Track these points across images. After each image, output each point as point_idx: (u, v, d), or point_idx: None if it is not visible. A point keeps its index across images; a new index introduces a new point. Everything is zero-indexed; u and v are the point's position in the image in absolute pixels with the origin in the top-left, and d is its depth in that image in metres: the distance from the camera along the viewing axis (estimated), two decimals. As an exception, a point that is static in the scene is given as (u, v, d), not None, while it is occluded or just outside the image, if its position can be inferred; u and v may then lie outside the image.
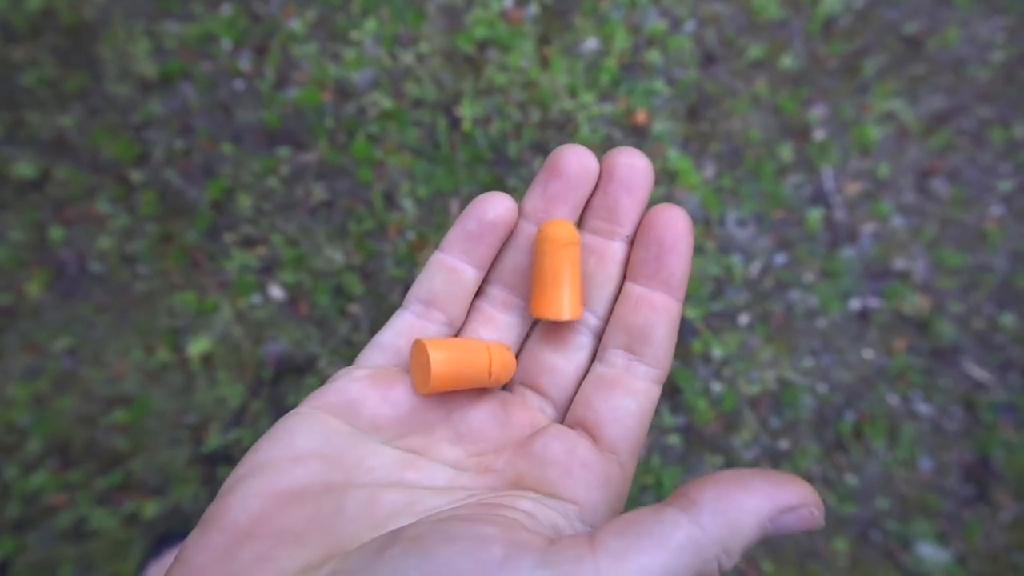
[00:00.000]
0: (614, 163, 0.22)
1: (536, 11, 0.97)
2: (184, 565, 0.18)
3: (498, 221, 0.23)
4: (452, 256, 0.23)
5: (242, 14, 0.96)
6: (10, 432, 0.83)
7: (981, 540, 0.84)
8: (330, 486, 0.19)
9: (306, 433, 0.20)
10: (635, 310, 0.22)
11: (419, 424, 0.22)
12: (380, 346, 0.23)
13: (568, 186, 0.23)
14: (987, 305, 0.91)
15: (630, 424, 0.22)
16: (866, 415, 0.88)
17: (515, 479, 0.21)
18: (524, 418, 0.23)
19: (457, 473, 0.21)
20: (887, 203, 0.93)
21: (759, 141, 0.95)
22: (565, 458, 0.21)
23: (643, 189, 0.23)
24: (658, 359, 0.22)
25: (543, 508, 0.19)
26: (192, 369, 0.87)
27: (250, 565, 0.17)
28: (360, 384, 0.22)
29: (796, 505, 0.16)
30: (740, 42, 0.98)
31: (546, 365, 0.23)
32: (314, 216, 0.92)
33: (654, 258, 0.22)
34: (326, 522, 0.19)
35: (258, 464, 0.19)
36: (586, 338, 0.24)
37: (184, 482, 0.84)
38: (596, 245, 0.23)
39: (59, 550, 0.81)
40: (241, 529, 0.18)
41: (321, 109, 0.94)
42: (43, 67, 0.93)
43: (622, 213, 0.23)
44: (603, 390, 0.22)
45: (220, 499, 0.19)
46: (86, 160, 0.91)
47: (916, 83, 0.97)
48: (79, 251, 0.89)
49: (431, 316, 0.23)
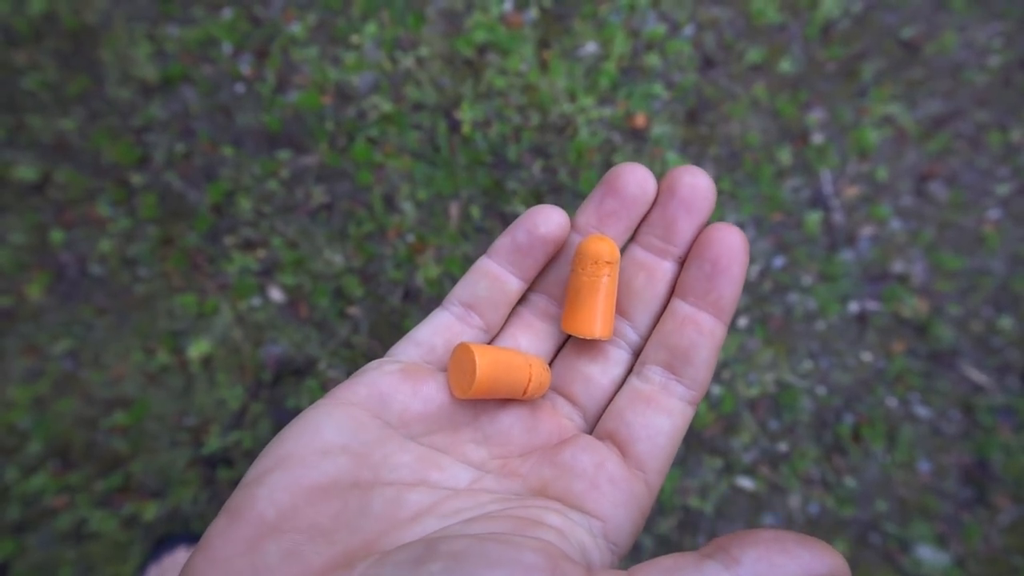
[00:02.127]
0: (677, 181, 0.22)
1: (535, 15, 0.98)
2: (207, 556, 0.17)
3: (548, 237, 0.22)
4: (499, 264, 0.23)
5: (243, 18, 0.96)
6: (10, 434, 0.83)
7: (980, 543, 0.84)
8: (357, 482, 0.19)
9: (334, 427, 0.20)
10: (680, 329, 0.22)
11: (446, 422, 0.22)
12: (415, 341, 0.23)
13: (624, 205, 0.22)
14: (985, 308, 0.91)
15: (661, 443, 0.21)
16: (865, 418, 0.88)
17: (540, 487, 0.21)
18: (552, 425, 0.23)
19: (480, 475, 0.21)
20: (885, 206, 0.94)
21: (758, 144, 0.95)
22: (593, 471, 0.21)
23: (704, 212, 0.22)
24: (697, 381, 0.22)
25: (571, 524, 0.19)
26: (192, 371, 0.87)
27: (278, 560, 0.17)
28: (392, 378, 0.22)
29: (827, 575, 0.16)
30: (739, 46, 0.98)
31: (580, 374, 0.23)
32: (314, 219, 0.92)
33: (706, 278, 0.21)
34: (352, 519, 0.19)
35: (285, 456, 0.19)
36: (624, 352, 0.23)
37: (184, 484, 0.84)
38: (647, 262, 0.23)
39: (59, 552, 0.81)
40: (268, 523, 0.18)
41: (321, 112, 0.94)
42: (44, 70, 0.93)
43: (678, 233, 0.22)
44: (638, 405, 0.22)
45: (245, 490, 0.19)
46: (87, 163, 0.91)
47: (914, 87, 0.97)
48: (80, 254, 0.89)
49: (470, 320, 0.23)
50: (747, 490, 0.87)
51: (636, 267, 0.23)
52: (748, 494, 0.86)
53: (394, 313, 0.90)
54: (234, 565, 0.17)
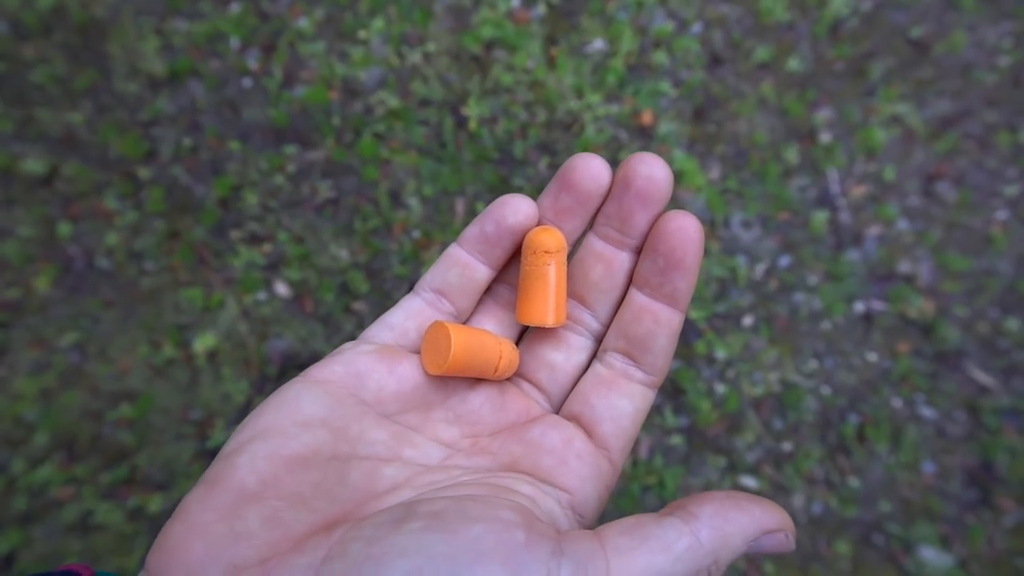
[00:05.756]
0: (632, 172, 0.22)
1: (543, 11, 0.98)
2: (185, 522, 0.18)
3: (516, 228, 0.23)
4: (468, 253, 0.24)
5: (250, 13, 0.96)
6: (17, 426, 0.84)
7: (983, 545, 0.84)
8: (336, 455, 0.20)
9: (313, 401, 0.20)
10: (637, 319, 0.22)
11: (419, 402, 0.22)
12: (388, 325, 0.24)
13: (578, 200, 0.23)
14: (992, 309, 0.91)
15: (624, 424, 0.22)
16: (869, 418, 0.88)
17: (510, 462, 0.22)
18: (520, 405, 0.24)
19: (452, 452, 0.22)
20: (892, 206, 0.93)
21: (765, 143, 0.95)
22: (561, 448, 0.22)
23: (660, 203, 0.22)
24: (656, 367, 0.23)
25: (540, 494, 0.20)
26: (197, 365, 0.88)
27: (259, 525, 0.18)
28: (368, 357, 0.22)
29: (775, 529, 0.18)
30: (747, 44, 0.98)
31: (544, 361, 0.24)
32: (320, 214, 0.92)
33: (660, 272, 0.22)
34: (331, 489, 0.19)
35: (264, 428, 0.19)
36: (585, 340, 0.24)
37: (188, 477, 0.85)
38: (605, 253, 0.23)
39: (64, 543, 0.81)
40: (249, 490, 0.18)
41: (328, 108, 0.94)
42: (53, 64, 0.93)
43: (634, 226, 0.22)
44: (601, 389, 0.23)
45: (224, 460, 0.19)
46: (95, 157, 0.92)
47: (923, 87, 0.97)
48: (87, 247, 0.90)
49: (441, 305, 0.24)
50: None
51: (594, 258, 0.23)
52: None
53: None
54: (213, 530, 0.17)
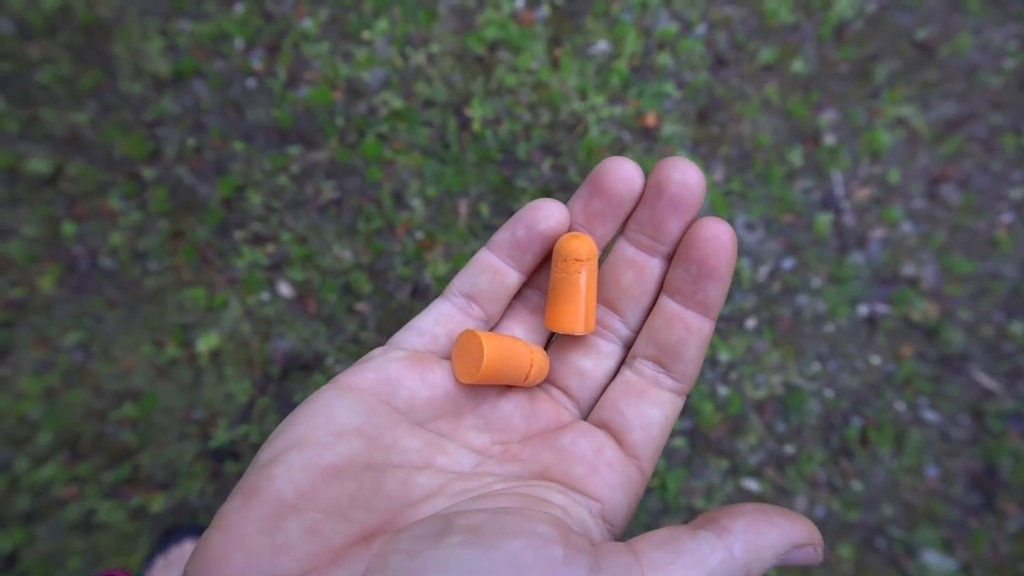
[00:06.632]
0: (666, 178, 0.21)
1: (547, 12, 0.98)
2: (225, 532, 0.17)
3: (548, 233, 0.23)
4: (499, 258, 0.23)
5: (255, 13, 0.96)
6: (21, 425, 0.84)
7: (987, 549, 0.84)
8: (371, 464, 0.20)
9: (347, 409, 0.20)
10: (668, 327, 0.22)
11: (450, 409, 0.22)
12: (418, 330, 0.23)
13: (611, 205, 0.22)
14: (996, 313, 0.90)
15: (654, 432, 0.22)
16: (873, 421, 0.88)
17: (540, 470, 0.22)
18: (550, 411, 0.24)
19: (483, 459, 0.22)
20: (897, 209, 0.93)
21: (769, 145, 0.95)
22: (592, 456, 0.22)
23: (693, 210, 0.22)
24: (686, 375, 0.23)
25: (572, 503, 0.20)
26: (200, 365, 0.88)
27: (298, 537, 0.17)
28: (399, 364, 0.22)
29: (804, 543, 0.18)
30: (751, 46, 0.98)
31: (573, 367, 0.24)
32: (323, 214, 0.92)
33: (692, 280, 0.22)
34: (367, 499, 0.19)
35: (300, 438, 0.19)
36: (615, 346, 0.24)
37: (191, 477, 0.85)
38: (636, 259, 0.23)
39: (67, 542, 0.82)
40: (287, 502, 0.18)
41: (332, 108, 0.94)
42: (58, 64, 0.93)
43: (667, 233, 0.22)
44: (631, 397, 0.22)
45: (261, 470, 0.19)
46: (99, 156, 0.92)
47: (928, 89, 0.96)
48: (91, 246, 0.90)
49: (470, 310, 0.24)
50: (753, 492, 0.87)
51: (625, 264, 0.23)
52: (754, 496, 0.86)
53: (402, 309, 0.90)
54: (252, 542, 0.17)
